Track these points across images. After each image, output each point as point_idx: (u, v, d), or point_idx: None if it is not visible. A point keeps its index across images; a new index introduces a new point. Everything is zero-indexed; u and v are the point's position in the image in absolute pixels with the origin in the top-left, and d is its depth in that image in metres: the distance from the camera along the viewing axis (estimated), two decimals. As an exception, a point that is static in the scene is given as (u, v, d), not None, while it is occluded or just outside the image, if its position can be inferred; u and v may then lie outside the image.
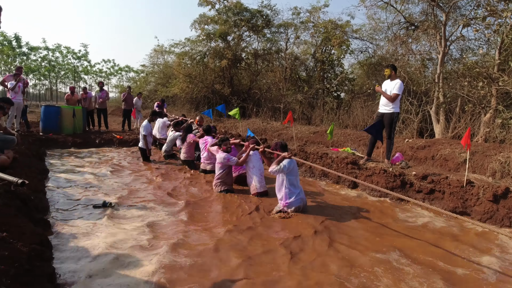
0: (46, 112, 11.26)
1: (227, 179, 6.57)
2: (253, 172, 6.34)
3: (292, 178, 5.41)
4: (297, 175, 5.54)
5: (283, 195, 5.41)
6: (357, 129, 13.33)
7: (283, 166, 5.37)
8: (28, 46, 30.88)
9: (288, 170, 5.37)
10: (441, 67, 11.72)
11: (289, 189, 5.37)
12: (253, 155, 6.42)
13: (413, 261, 3.76)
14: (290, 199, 5.35)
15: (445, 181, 6.03)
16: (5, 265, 2.49)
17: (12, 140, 5.70)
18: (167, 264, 3.44)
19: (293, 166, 5.47)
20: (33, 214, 3.96)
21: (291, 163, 5.44)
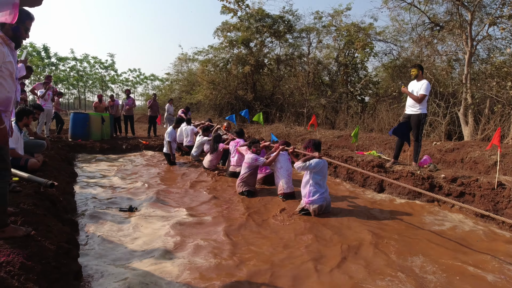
0: (75, 118, 11.66)
1: (250, 180, 6.63)
2: (281, 173, 6.36)
3: (318, 177, 5.41)
4: (324, 176, 5.52)
5: (307, 192, 5.42)
6: (383, 132, 13.17)
7: (308, 164, 5.39)
8: (57, 56, 32.04)
9: (314, 169, 5.37)
10: (468, 67, 11.47)
11: (313, 187, 5.38)
12: (281, 156, 6.45)
13: (439, 267, 3.69)
14: (313, 197, 5.35)
15: (475, 183, 5.89)
16: (33, 262, 2.61)
17: (42, 144, 5.95)
18: (191, 265, 3.52)
19: (321, 166, 5.44)
20: (61, 214, 4.11)
21: (319, 163, 5.42)
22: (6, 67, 2.77)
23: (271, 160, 6.45)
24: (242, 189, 6.56)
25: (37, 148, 5.88)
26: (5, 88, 2.81)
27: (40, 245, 2.90)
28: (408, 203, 6.24)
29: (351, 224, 5.04)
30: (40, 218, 3.44)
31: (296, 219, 5.24)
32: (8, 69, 2.79)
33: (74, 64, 33.69)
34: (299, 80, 19.06)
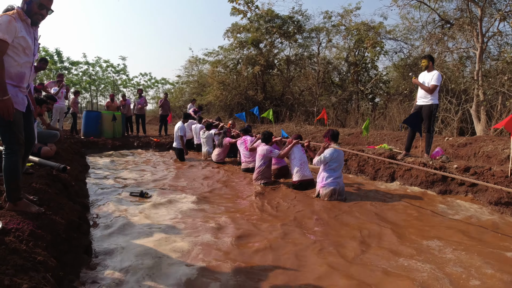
0: (88, 117, 11.86)
1: (266, 172, 6.82)
2: (294, 163, 6.49)
3: (334, 165, 5.62)
4: (340, 164, 5.72)
5: (321, 178, 5.66)
6: (394, 130, 13.05)
7: (323, 157, 5.61)
8: (69, 61, 32.52)
9: (331, 158, 5.59)
10: (479, 63, 11.34)
11: (327, 172, 5.62)
12: (295, 148, 6.56)
13: (456, 247, 3.64)
14: (327, 181, 5.57)
15: (488, 172, 5.80)
16: (43, 231, 2.64)
17: (55, 134, 6.06)
18: (201, 242, 3.55)
19: (336, 155, 5.63)
20: (73, 197, 4.16)
21: (334, 153, 5.62)
22: (18, 42, 2.81)
23: (285, 153, 6.58)
24: (261, 181, 6.73)
25: (50, 138, 5.97)
26: (17, 62, 2.85)
27: (51, 218, 2.94)
28: (421, 192, 6.18)
29: (364, 209, 5.04)
30: (52, 196, 3.49)
31: (308, 203, 5.28)
32: (21, 44, 2.83)
33: (86, 68, 34.15)
34: (309, 78, 19.02)
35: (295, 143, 6.52)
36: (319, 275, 2.98)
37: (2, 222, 2.51)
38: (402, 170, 6.90)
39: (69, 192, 4.20)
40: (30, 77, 3.06)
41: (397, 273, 3.00)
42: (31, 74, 3.04)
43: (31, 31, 2.94)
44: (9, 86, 2.77)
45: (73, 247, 2.86)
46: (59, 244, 2.72)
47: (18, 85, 2.89)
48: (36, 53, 3.15)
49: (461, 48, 13.02)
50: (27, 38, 2.86)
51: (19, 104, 2.88)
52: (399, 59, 17.57)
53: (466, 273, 3.00)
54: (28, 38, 2.88)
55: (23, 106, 2.94)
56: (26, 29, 2.87)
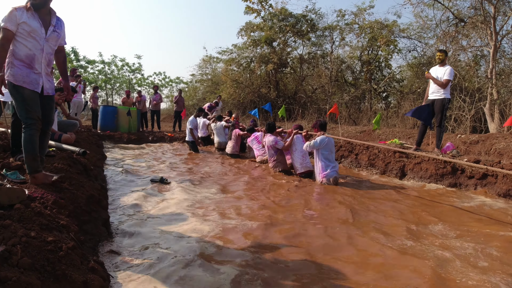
0: (104, 111, 12.24)
1: (282, 160, 7.16)
2: (295, 155, 6.75)
3: (325, 153, 6.00)
4: (331, 151, 6.09)
5: (320, 168, 6.02)
6: (406, 127, 13.03)
7: (314, 142, 6.02)
8: (86, 59, 33.14)
9: (320, 145, 5.97)
10: (493, 61, 11.27)
11: (324, 162, 5.98)
12: (297, 139, 6.77)
13: (466, 231, 3.72)
14: (327, 171, 5.92)
15: (498, 165, 5.83)
16: (65, 202, 2.82)
17: (75, 124, 6.35)
18: (221, 225, 3.69)
19: (326, 142, 6.00)
20: (92, 179, 4.36)
21: (324, 140, 6.00)
22: (22, 28, 3.07)
23: (288, 144, 6.85)
24: (279, 168, 7.08)
25: (70, 127, 6.24)
26: (25, 45, 3.11)
27: (73, 191, 3.12)
28: (432, 187, 6.22)
29: (372, 196, 5.14)
30: (74, 175, 3.68)
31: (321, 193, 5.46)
32: (25, 29, 3.08)
33: (102, 67, 34.73)
34: (322, 78, 19.07)
35: (295, 133, 6.78)
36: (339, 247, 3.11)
37: (28, 192, 2.70)
38: (412, 164, 6.95)
39: (89, 174, 4.40)
40: (47, 61, 3.27)
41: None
42: (46, 57, 3.25)
43: (35, 16, 3.14)
44: (22, 67, 3.09)
45: (92, 219, 3.04)
46: (80, 215, 2.90)
47: (30, 66, 3.15)
48: (59, 39, 3.34)
49: (475, 46, 12.94)
50: (30, 23, 3.09)
51: (30, 83, 3.12)
52: (413, 58, 17.51)
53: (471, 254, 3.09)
54: (32, 23, 3.11)
55: (36, 86, 3.18)
56: (30, 16, 3.10)
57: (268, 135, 7.25)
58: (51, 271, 1.72)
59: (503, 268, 2.78)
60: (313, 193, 5.45)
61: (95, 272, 2.02)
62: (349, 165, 8.21)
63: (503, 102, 11.41)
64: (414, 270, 2.69)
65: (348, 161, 8.32)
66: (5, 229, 1.92)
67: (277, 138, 7.10)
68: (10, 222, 2.02)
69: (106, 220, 3.31)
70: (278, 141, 7.02)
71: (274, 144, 7.01)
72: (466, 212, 4.57)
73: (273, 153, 7.16)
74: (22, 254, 1.70)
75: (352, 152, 8.35)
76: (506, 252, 3.11)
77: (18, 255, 1.67)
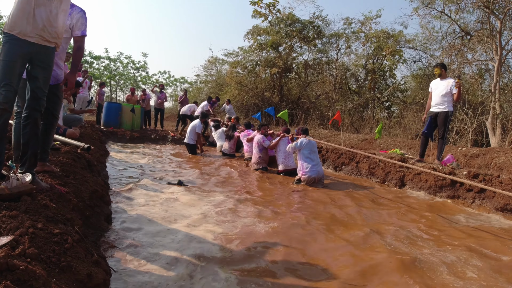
0: (108, 107, 12.36)
1: (265, 157, 7.99)
2: (279, 155, 7.50)
3: (306, 152, 6.57)
4: (311, 151, 6.66)
5: (301, 166, 6.58)
6: (408, 137, 13.08)
7: (295, 144, 6.72)
8: (91, 55, 33.35)
9: (301, 146, 6.60)
10: (497, 76, 11.33)
11: (304, 161, 6.53)
12: (282, 141, 7.47)
13: (452, 245, 3.76)
14: (306, 169, 6.46)
15: (497, 179, 5.87)
16: (70, 195, 2.88)
17: (79, 119, 6.46)
18: (207, 213, 3.74)
19: (306, 143, 6.63)
20: (95, 174, 4.42)
21: (303, 141, 6.64)
22: None
23: (274, 144, 7.56)
24: (260, 166, 7.83)
25: (75, 122, 6.33)
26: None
27: (77, 186, 3.18)
28: (431, 199, 6.25)
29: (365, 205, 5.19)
30: (78, 169, 3.74)
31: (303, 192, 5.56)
32: None
33: (107, 63, 34.95)
34: (326, 84, 19.16)
35: (281, 136, 7.46)
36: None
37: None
38: (411, 174, 7.00)
39: (92, 170, 4.47)
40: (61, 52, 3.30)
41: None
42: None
43: None
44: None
45: (95, 213, 3.10)
46: (83, 209, 2.96)
47: None
48: None
49: (480, 60, 13.01)
50: None
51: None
52: (418, 69, 17.59)
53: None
54: None
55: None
56: None
57: (258, 133, 8.05)
58: (56, 262, 1.78)
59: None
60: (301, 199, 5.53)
61: (99, 265, 2.08)
62: (349, 173, 8.25)
63: (506, 117, 11.45)
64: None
65: (348, 169, 8.37)
66: (12, 219, 1.98)
67: (264, 138, 7.82)
68: (17, 213, 2.08)
69: (108, 215, 3.37)
70: (265, 140, 7.82)
71: (262, 142, 7.79)
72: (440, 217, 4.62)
73: (259, 151, 7.87)
74: (29, 245, 1.76)
75: (353, 160, 8.40)
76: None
77: (26, 245, 1.73)
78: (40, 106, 2.88)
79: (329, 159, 9.20)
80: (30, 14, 2.71)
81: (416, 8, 13.93)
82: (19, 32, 2.69)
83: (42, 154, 3.21)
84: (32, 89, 2.85)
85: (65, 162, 3.78)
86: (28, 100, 2.86)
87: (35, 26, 2.73)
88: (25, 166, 2.86)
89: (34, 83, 2.85)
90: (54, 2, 2.83)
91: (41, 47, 2.81)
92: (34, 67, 2.83)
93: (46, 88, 2.92)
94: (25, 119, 2.87)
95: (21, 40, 2.70)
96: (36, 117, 2.88)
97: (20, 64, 2.72)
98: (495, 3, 11.44)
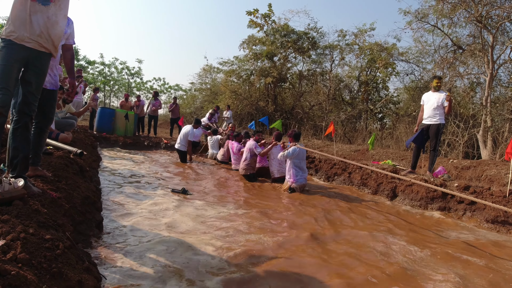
0: (102, 113, 12.30)
1: (253, 163, 8.04)
2: (274, 162, 7.61)
3: (297, 161, 6.74)
4: (302, 160, 6.87)
5: (291, 174, 6.73)
6: (400, 149, 13.18)
7: (287, 152, 6.78)
8: (86, 59, 33.25)
9: (292, 155, 6.70)
10: (489, 89, 11.51)
11: (295, 169, 6.71)
12: (275, 149, 7.57)
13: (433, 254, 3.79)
14: (297, 177, 6.66)
15: (487, 192, 5.94)
16: (61, 201, 2.86)
17: (72, 124, 6.47)
18: (204, 222, 3.72)
19: (297, 152, 6.73)
20: (87, 180, 4.40)
21: (295, 150, 6.72)
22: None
23: (265, 152, 7.69)
24: (248, 172, 7.89)
25: (67, 127, 6.32)
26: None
27: (69, 191, 3.16)
28: (419, 213, 6.25)
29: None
30: (70, 175, 3.72)
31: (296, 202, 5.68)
32: None
33: (102, 69, 34.87)
34: (319, 95, 19.31)
35: (273, 144, 7.57)
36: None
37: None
38: (403, 186, 7.03)
39: (84, 175, 4.44)
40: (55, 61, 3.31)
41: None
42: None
43: None
44: None
45: (87, 220, 3.08)
46: (75, 215, 2.93)
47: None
48: (65, 36, 3.36)
49: (472, 73, 13.22)
50: None
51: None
52: (410, 81, 17.81)
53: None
54: None
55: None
56: None
57: (250, 140, 8.18)
58: (47, 268, 1.76)
59: None
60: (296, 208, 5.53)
61: (90, 272, 2.06)
62: (341, 183, 8.28)
63: (497, 129, 11.61)
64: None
65: (341, 179, 8.40)
66: (4, 223, 1.96)
67: (257, 145, 7.90)
68: (9, 217, 2.06)
69: (100, 222, 3.35)
70: (257, 147, 7.89)
71: (254, 148, 7.86)
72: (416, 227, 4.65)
73: (249, 156, 7.91)
74: (21, 250, 1.75)
75: (346, 171, 8.44)
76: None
77: (17, 250, 1.72)
78: (30, 111, 2.88)
79: (322, 169, 9.22)
80: (26, 21, 2.74)
81: (410, 22, 14.18)
82: (17, 37, 2.72)
83: (34, 158, 3.19)
84: (24, 94, 2.86)
85: (57, 167, 3.76)
86: (19, 104, 2.87)
87: (32, 32, 2.75)
88: (16, 170, 2.84)
89: (26, 87, 2.86)
90: (51, 8, 2.84)
91: (37, 52, 2.82)
92: (28, 72, 2.85)
93: (38, 94, 2.93)
94: (15, 123, 2.87)
95: (18, 45, 2.72)
96: (26, 121, 2.88)
97: (17, 69, 2.74)
98: (487, 18, 11.68)
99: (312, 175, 9.21)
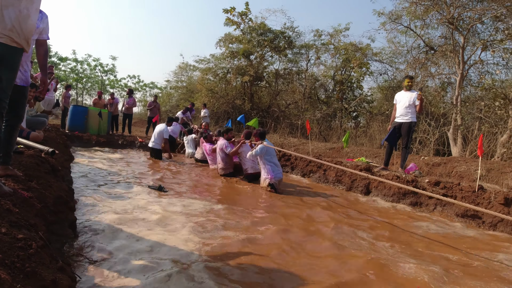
0: (74, 111, 11.99)
1: (230, 162, 8.07)
2: (246, 159, 7.55)
3: (268, 157, 6.87)
4: (273, 156, 6.99)
5: (267, 171, 6.81)
6: (374, 146, 13.47)
7: (254, 151, 6.91)
8: (57, 56, 32.33)
9: (261, 152, 6.84)
10: (459, 89, 11.90)
11: (270, 165, 6.81)
12: (246, 147, 7.60)
13: (414, 253, 3.91)
14: (274, 173, 6.74)
15: (457, 187, 6.16)
16: (33, 201, 2.79)
17: (43, 122, 6.28)
18: (182, 221, 3.72)
19: (266, 149, 6.87)
20: (59, 180, 4.30)
21: (263, 148, 6.86)
22: None
23: (234, 151, 7.67)
24: (227, 171, 8.00)
25: (39, 125, 6.14)
26: None
27: (41, 191, 3.09)
28: (392, 206, 6.44)
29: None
30: (42, 174, 3.63)
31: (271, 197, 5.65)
32: None
33: (74, 65, 34.00)
34: (295, 94, 19.49)
35: (242, 142, 7.57)
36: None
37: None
38: (376, 182, 7.20)
39: (56, 175, 4.34)
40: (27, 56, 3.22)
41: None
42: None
43: None
44: None
45: (60, 220, 3.02)
46: (47, 215, 2.87)
47: None
48: (38, 30, 3.28)
49: (443, 74, 13.63)
50: None
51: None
52: (384, 81, 18.21)
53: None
54: None
55: None
56: None
57: (221, 139, 8.09)
58: (21, 268, 1.73)
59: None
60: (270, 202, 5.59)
61: (64, 272, 2.03)
62: (317, 181, 8.39)
63: (467, 128, 12.03)
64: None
65: (316, 177, 8.51)
66: (-26, 223, 1.91)
67: (227, 143, 7.87)
68: (-21, 217, 2.01)
69: (72, 222, 3.28)
70: (228, 146, 7.84)
71: (224, 147, 7.84)
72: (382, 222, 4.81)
73: (224, 157, 7.93)
74: (-8, 250, 1.71)
75: (321, 168, 8.55)
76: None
77: (-11, 250, 1.68)
78: (1, 108, 2.78)
79: (298, 166, 9.33)
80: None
81: (384, 23, 14.49)
82: None
83: (4, 157, 3.10)
84: None
85: (28, 166, 3.66)
86: None
87: (4, 27, 2.66)
88: None
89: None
90: (23, 2, 2.76)
91: (9, 47, 2.72)
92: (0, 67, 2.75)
93: (9, 90, 2.82)
94: None
95: None
96: None
97: None
98: (459, 20, 12.06)
99: (288, 173, 9.31)
